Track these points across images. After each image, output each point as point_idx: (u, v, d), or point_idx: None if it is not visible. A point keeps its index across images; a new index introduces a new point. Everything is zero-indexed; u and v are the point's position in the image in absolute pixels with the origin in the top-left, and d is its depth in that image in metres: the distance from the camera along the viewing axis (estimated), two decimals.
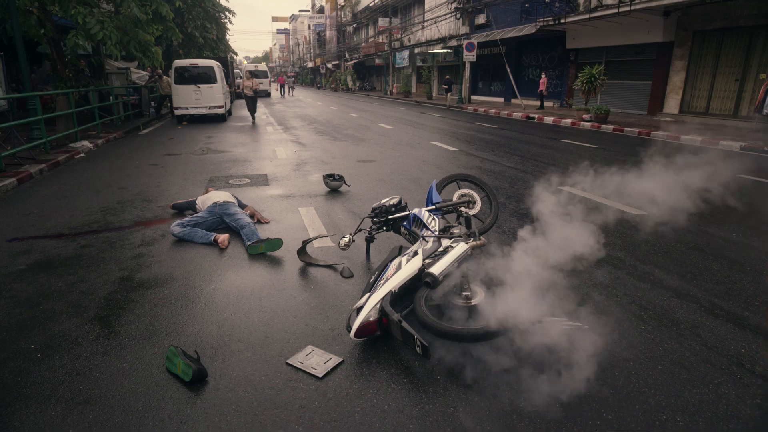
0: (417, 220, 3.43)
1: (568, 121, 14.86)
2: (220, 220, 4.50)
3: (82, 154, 8.90)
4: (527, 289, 3.04)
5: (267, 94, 33.39)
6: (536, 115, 16.64)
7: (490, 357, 2.41)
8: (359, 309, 2.58)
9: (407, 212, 3.59)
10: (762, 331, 2.72)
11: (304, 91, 49.96)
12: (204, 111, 14.55)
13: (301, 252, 3.71)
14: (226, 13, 26.70)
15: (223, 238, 4.07)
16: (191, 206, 5.02)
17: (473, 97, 25.26)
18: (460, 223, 3.42)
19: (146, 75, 17.12)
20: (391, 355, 2.50)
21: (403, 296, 2.75)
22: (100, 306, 3.03)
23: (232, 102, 22.49)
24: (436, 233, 3.22)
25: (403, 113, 18.85)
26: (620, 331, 2.71)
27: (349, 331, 2.53)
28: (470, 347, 2.46)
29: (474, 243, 2.89)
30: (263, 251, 3.88)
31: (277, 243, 3.88)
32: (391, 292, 2.62)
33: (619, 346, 2.57)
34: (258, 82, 14.60)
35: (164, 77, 16.14)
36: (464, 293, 2.59)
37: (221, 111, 14.78)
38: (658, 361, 2.46)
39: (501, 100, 24.00)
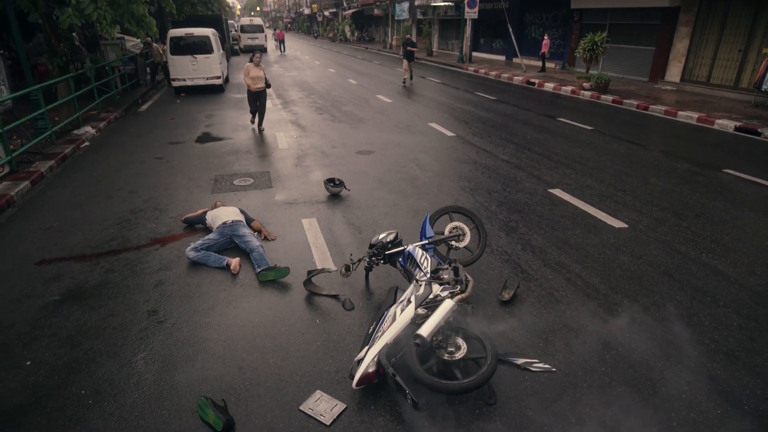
0: (411, 259, 3.80)
1: (569, 88, 14.78)
2: (230, 240, 4.86)
3: (86, 143, 9.10)
4: (504, 333, 3.47)
5: (264, 50, 32.55)
6: (537, 81, 16.48)
7: (474, 403, 2.87)
8: (360, 361, 3.02)
9: (402, 248, 3.94)
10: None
11: (301, 42, 48.40)
12: (201, 82, 14.47)
13: (307, 282, 4.10)
14: None
15: (234, 264, 4.45)
16: (201, 220, 5.36)
17: (474, 54, 24.69)
18: (450, 262, 3.77)
19: (140, 43, 16.78)
20: (386, 401, 2.95)
21: (399, 341, 3.17)
22: (133, 346, 3.47)
23: (228, 60, 22.13)
24: (428, 275, 3.60)
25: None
26: (583, 373, 3.15)
27: (352, 380, 2.98)
28: (456, 396, 2.91)
29: (460, 296, 3.27)
30: (272, 278, 4.28)
31: (284, 271, 4.28)
32: (386, 344, 3.04)
33: (580, 389, 3.02)
34: (263, 75, 9.38)
35: (154, 45, 15.85)
36: (449, 348, 3.01)
37: (219, 82, 14.69)
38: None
39: (502, 58, 23.50)
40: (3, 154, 6.88)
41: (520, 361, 3.24)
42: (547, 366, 3.21)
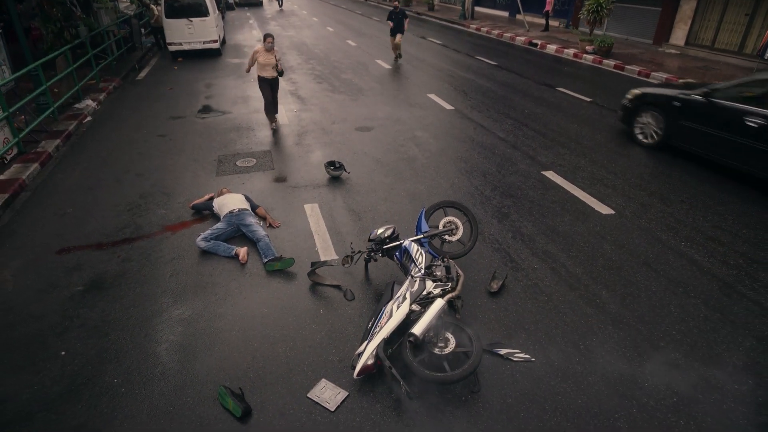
0: (407, 254, 4.11)
1: (571, 51, 14.57)
2: (237, 229, 5.15)
3: (89, 118, 9.19)
4: (490, 325, 3.82)
5: (259, 3, 31.51)
6: (539, 42, 16.17)
7: (460, 391, 3.27)
8: (360, 354, 3.39)
9: (399, 242, 4.24)
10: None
11: None
12: (198, 46, 14.27)
13: (311, 273, 4.43)
14: None
15: (243, 253, 4.77)
16: (208, 207, 5.62)
17: (477, 10, 23.92)
18: (443, 258, 4.07)
19: (133, 3, 16.31)
20: (384, 389, 3.35)
21: (396, 333, 3.53)
22: (157, 336, 3.84)
23: (224, 17, 21.55)
24: (423, 271, 3.92)
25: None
26: (559, 363, 3.54)
27: (353, 370, 3.36)
28: (445, 386, 3.30)
29: (450, 295, 3.60)
30: (278, 269, 4.60)
31: (289, 262, 4.60)
32: (383, 339, 3.40)
33: (555, 378, 3.41)
34: (275, 62, 7.85)
35: (153, 7, 15.44)
36: (439, 344, 3.37)
37: (216, 45, 14.47)
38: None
39: (505, 14, 22.86)
40: (11, 137, 7.04)
41: (503, 351, 3.61)
42: (527, 356, 3.59)
